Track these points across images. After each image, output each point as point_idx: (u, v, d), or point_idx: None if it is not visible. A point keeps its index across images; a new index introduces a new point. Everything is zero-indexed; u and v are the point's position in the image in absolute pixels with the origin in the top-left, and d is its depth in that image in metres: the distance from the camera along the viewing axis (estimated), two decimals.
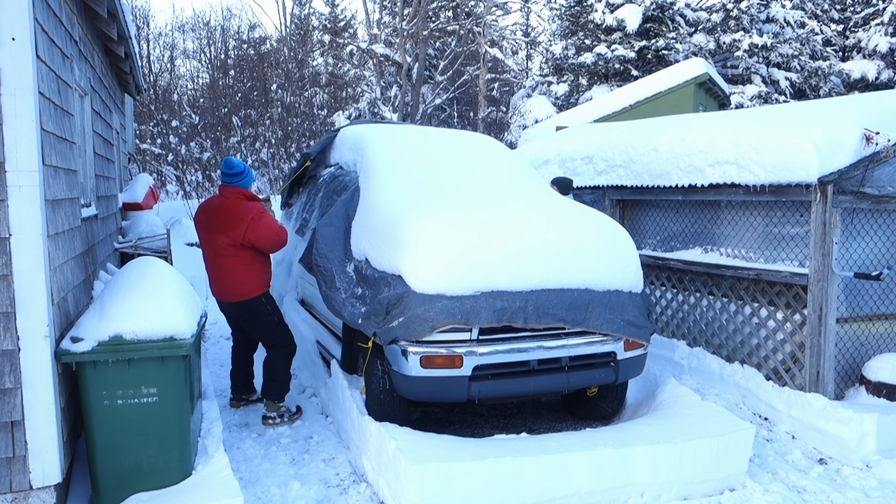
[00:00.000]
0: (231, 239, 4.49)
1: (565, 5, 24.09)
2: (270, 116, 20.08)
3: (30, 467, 3.03)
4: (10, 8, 2.87)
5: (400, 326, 3.87)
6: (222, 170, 4.66)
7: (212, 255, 4.62)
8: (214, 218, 4.57)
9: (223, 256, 4.55)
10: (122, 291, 3.39)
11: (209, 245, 4.62)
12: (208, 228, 4.61)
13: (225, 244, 4.51)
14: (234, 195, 4.59)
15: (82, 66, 4.77)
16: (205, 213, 4.69)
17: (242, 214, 4.49)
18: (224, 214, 4.54)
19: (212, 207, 4.65)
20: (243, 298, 4.61)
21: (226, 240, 4.50)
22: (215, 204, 4.65)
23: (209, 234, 4.59)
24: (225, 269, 4.57)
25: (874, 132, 4.62)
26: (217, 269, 4.61)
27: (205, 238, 4.66)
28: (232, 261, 4.54)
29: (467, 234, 4.08)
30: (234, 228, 4.47)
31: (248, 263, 4.59)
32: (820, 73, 24.43)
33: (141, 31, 23.20)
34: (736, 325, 5.58)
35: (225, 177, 4.65)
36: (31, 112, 2.94)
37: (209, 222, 4.61)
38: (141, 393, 3.27)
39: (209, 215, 4.64)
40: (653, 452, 3.70)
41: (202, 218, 4.69)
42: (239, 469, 4.00)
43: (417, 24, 20.27)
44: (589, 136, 7.42)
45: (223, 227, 4.50)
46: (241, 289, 4.60)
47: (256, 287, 4.65)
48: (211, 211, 4.64)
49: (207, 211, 4.68)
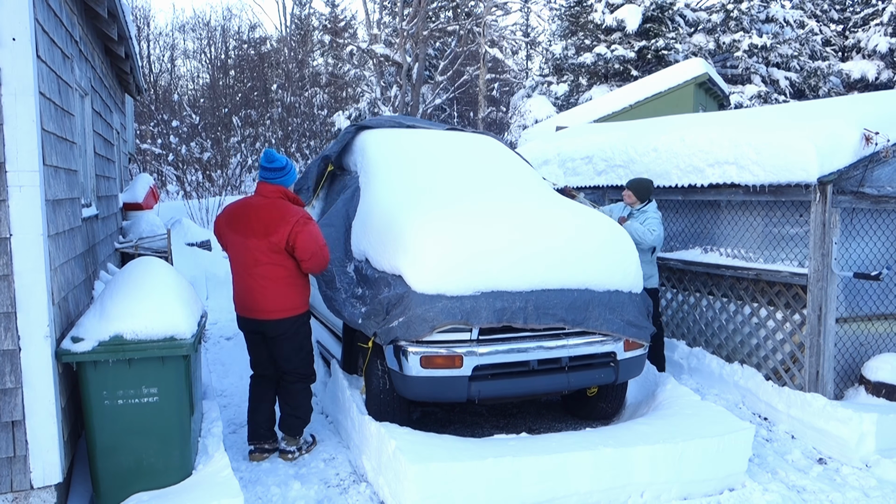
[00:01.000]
0: (274, 243, 3.87)
1: (565, 5, 24.09)
2: (270, 116, 20.08)
3: (30, 467, 3.03)
4: (10, 8, 2.87)
5: (400, 326, 3.88)
6: (262, 164, 4.04)
7: (249, 263, 3.95)
8: (254, 219, 3.94)
9: (264, 264, 3.91)
10: (123, 291, 3.39)
11: (244, 252, 3.96)
12: (244, 232, 3.95)
13: (266, 250, 3.89)
14: (275, 194, 4.00)
15: (83, 66, 4.77)
16: (238, 215, 4.02)
17: (287, 216, 3.90)
18: (266, 215, 3.92)
19: (249, 207, 4.02)
20: (284, 315, 3.98)
21: (268, 245, 3.88)
22: (253, 204, 4.02)
23: (245, 238, 3.94)
24: (266, 280, 3.93)
25: (874, 132, 4.62)
26: (254, 279, 3.94)
27: (238, 244, 3.99)
28: (275, 270, 3.92)
29: (467, 234, 4.08)
30: (278, 230, 3.86)
31: (293, 274, 3.98)
32: (819, 73, 24.43)
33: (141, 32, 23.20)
34: (735, 325, 5.58)
35: (266, 172, 4.03)
36: (32, 112, 2.95)
37: (245, 225, 3.96)
38: (141, 393, 3.27)
39: (245, 217, 3.98)
40: (653, 452, 3.70)
41: (234, 220, 4.02)
42: (239, 469, 4.01)
43: (417, 24, 20.27)
44: (589, 136, 7.43)
45: (267, 230, 3.87)
46: (284, 303, 3.97)
47: (301, 303, 4.06)
48: (248, 212, 3.99)
49: (242, 212, 4.02)
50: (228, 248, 4.08)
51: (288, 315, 4.01)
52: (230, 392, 5.38)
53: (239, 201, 4.16)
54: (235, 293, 4.10)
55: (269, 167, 4.03)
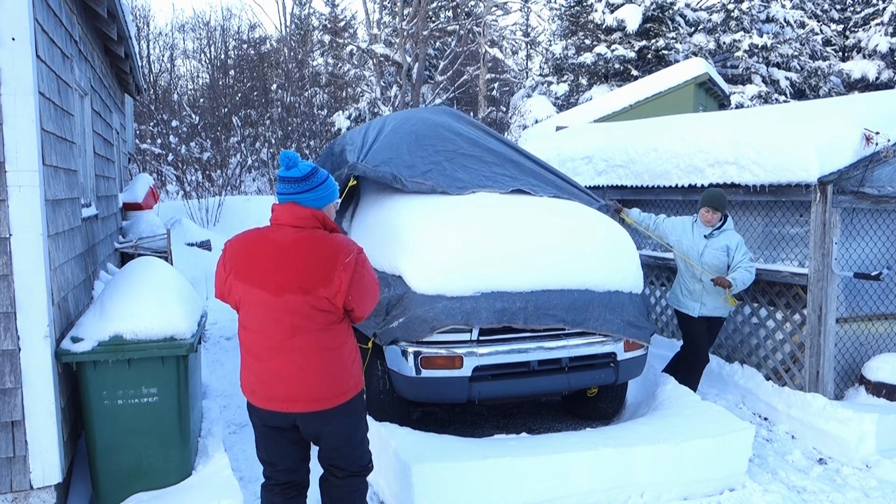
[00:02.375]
0: (320, 300, 2.57)
1: (565, 5, 24.09)
2: (270, 116, 20.08)
3: (30, 467, 3.03)
4: (10, 8, 2.87)
5: (400, 327, 3.87)
6: (284, 174, 2.65)
7: (279, 332, 2.60)
8: (283, 265, 2.58)
9: (301, 332, 2.59)
10: (123, 291, 3.39)
11: (270, 316, 2.60)
12: (268, 285, 2.58)
13: (308, 311, 2.58)
14: (310, 221, 2.63)
15: (82, 66, 4.76)
16: (255, 258, 2.63)
17: (336, 255, 2.58)
18: (304, 258, 2.58)
19: (273, 246, 2.61)
20: (335, 403, 2.67)
21: (310, 303, 2.57)
22: (278, 240, 2.61)
23: (272, 294, 2.58)
24: (307, 356, 2.61)
25: (874, 132, 4.62)
26: (287, 356, 2.60)
27: (258, 304, 2.61)
28: (321, 338, 2.62)
29: (467, 234, 4.08)
30: (328, 281, 2.56)
31: (345, 338, 2.72)
32: (820, 73, 24.42)
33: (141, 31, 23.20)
34: (735, 325, 5.58)
35: (289, 185, 2.63)
36: (31, 112, 2.95)
37: (270, 274, 2.59)
38: (141, 393, 3.27)
39: (268, 261, 2.60)
40: (653, 452, 3.70)
41: (249, 266, 2.63)
42: (239, 468, 4.00)
43: (417, 24, 20.27)
44: (589, 136, 7.43)
45: (308, 281, 2.55)
46: (335, 385, 2.66)
47: (357, 378, 2.78)
48: (272, 253, 2.60)
49: (262, 253, 2.62)
50: (241, 309, 2.68)
51: (341, 401, 2.68)
52: (230, 392, 5.38)
53: (252, 234, 2.68)
54: (248, 374, 2.70)
55: (294, 178, 2.62)
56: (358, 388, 2.78)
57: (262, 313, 2.61)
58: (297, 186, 2.64)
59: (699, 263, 4.93)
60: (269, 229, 2.67)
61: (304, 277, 2.56)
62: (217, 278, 2.76)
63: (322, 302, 2.58)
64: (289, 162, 2.64)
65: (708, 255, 4.92)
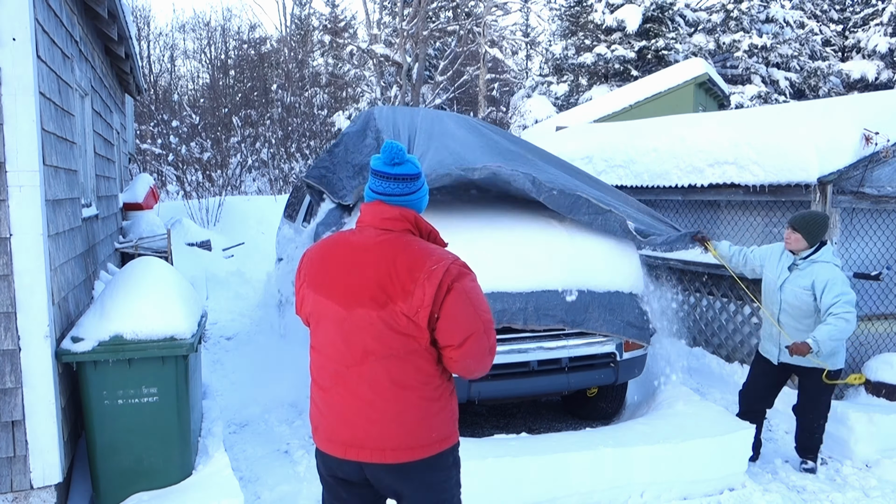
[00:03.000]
0: (392, 317, 2.04)
1: (565, 5, 24.10)
2: (270, 116, 20.08)
3: (30, 467, 3.03)
4: (10, 8, 2.87)
5: None
6: (380, 167, 2.14)
7: (348, 354, 2.10)
8: (360, 271, 2.09)
9: (372, 357, 2.07)
10: (123, 291, 3.39)
11: (336, 330, 2.12)
12: (339, 294, 2.11)
13: (382, 329, 2.05)
14: (400, 223, 2.14)
15: (83, 66, 4.77)
16: (330, 263, 2.17)
17: (421, 262, 2.05)
18: (382, 261, 2.07)
19: (352, 249, 2.14)
20: (410, 457, 2.11)
21: (385, 319, 2.04)
22: (360, 243, 2.14)
23: (343, 306, 2.10)
24: (375, 388, 2.08)
25: (874, 132, 4.62)
26: (349, 384, 2.10)
27: (328, 316, 2.14)
28: (391, 368, 2.07)
29: (467, 235, 4.08)
30: (409, 292, 2.03)
31: (427, 380, 2.11)
32: (819, 74, 24.43)
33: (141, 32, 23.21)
34: (735, 325, 5.58)
35: (385, 182, 2.14)
36: (32, 112, 2.95)
37: (343, 281, 2.12)
38: (141, 393, 3.27)
39: (344, 267, 2.13)
40: (653, 452, 3.70)
41: (319, 272, 2.18)
42: (239, 468, 4.01)
43: (417, 25, 20.27)
44: (589, 136, 7.43)
45: (379, 290, 2.05)
46: (408, 435, 2.10)
47: (441, 434, 2.16)
48: (350, 257, 2.13)
49: (339, 258, 2.16)
50: (311, 325, 2.22)
51: (419, 456, 2.11)
52: (230, 392, 5.38)
53: (331, 238, 2.24)
54: (313, 407, 2.22)
55: (394, 174, 2.13)
56: (447, 442, 2.16)
57: (331, 330, 2.12)
58: (405, 186, 2.14)
59: (777, 301, 3.98)
60: (351, 232, 2.20)
61: (381, 287, 2.03)
62: (297, 283, 2.28)
63: (400, 320, 2.01)
64: (396, 156, 2.11)
65: (788, 291, 3.91)
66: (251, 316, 7.83)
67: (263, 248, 10.79)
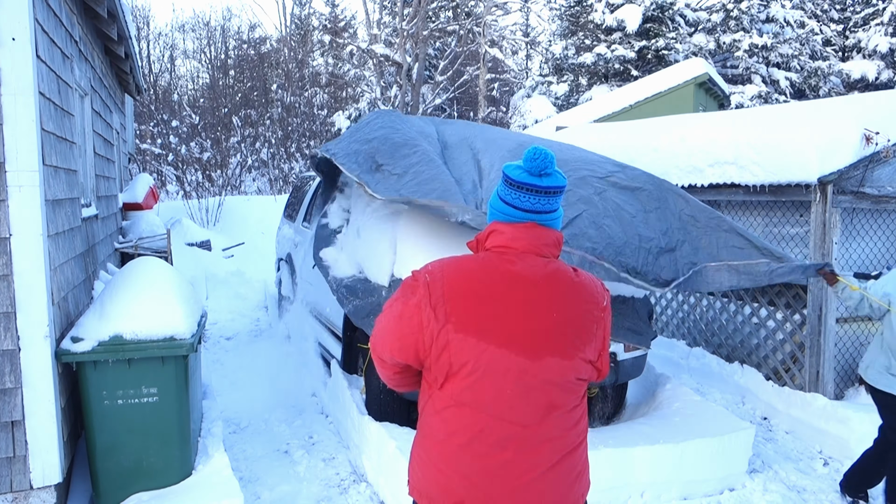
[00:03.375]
0: (578, 367, 1.77)
1: (565, 5, 24.10)
2: (270, 116, 20.09)
3: (30, 467, 3.03)
4: (10, 8, 2.87)
5: None
6: (530, 180, 1.75)
7: (524, 410, 1.73)
8: (536, 312, 1.74)
9: (561, 412, 1.76)
10: (123, 291, 3.39)
11: (517, 384, 1.72)
12: (513, 340, 1.72)
13: (565, 382, 1.75)
14: (557, 248, 1.83)
15: (82, 66, 4.77)
16: (490, 299, 1.74)
17: (594, 298, 1.81)
18: (562, 300, 1.77)
19: (516, 282, 1.74)
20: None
21: (570, 370, 1.75)
22: (523, 274, 1.75)
23: (523, 355, 1.71)
24: (556, 448, 1.76)
25: (874, 132, 4.62)
26: (531, 447, 1.73)
27: (502, 366, 1.71)
28: (569, 423, 1.79)
29: (466, 236, 4.07)
30: (590, 337, 1.79)
31: (585, 427, 1.87)
32: (820, 73, 24.44)
33: (141, 32, 23.21)
34: (735, 325, 5.58)
35: (539, 198, 1.76)
36: (32, 112, 2.95)
37: (517, 323, 1.73)
38: (141, 393, 3.27)
39: (513, 304, 1.73)
40: (653, 452, 3.70)
41: (479, 311, 1.73)
42: (239, 468, 4.01)
43: (417, 24, 20.27)
44: (589, 136, 7.43)
45: (566, 336, 1.75)
46: (582, 491, 1.85)
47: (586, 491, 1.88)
48: (519, 292, 1.74)
49: (501, 292, 1.74)
50: (460, 376, 1.73)
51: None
52: (230, 392, 5.38)
53: (477, 264, 1.79)
54: (468, 480, 1.74)
55: (545, 187, 1.75)
56: (586, 495, 1.87)
57: (505, 385, 1.70)
58: (554, 202, 1.77)
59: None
60: (505, 259, 1.75)
61: (571, 330, 1.73)
62: (403, 322, 1.77)
63: (585, 368, 1.76)
64: (544, 165, 1.73)
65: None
66: (251, 316, 7.84)
67: (263, 248, 10.80)
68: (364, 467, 3.93)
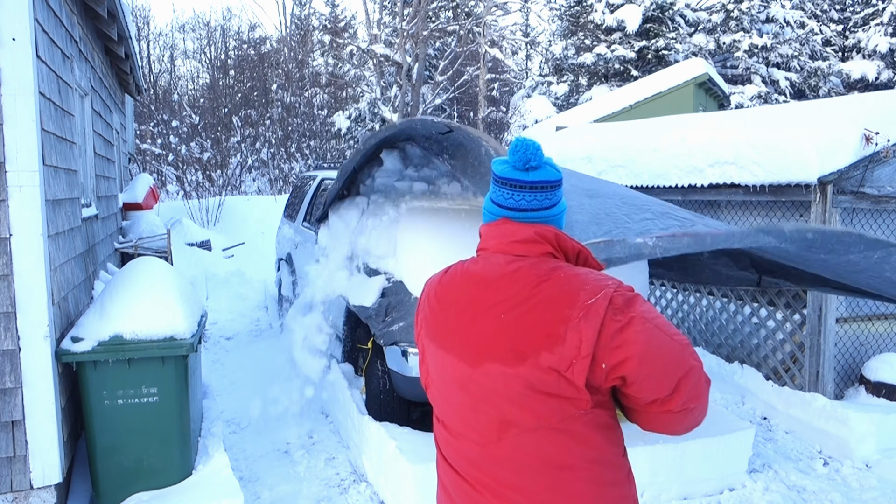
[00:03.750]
0: (537, 375, 1.43)
1: (565, 5, 24.10)
2: (270, 116, 20.09)
3: (30, 467, 3.03)
4: (10, 8, 2.87)
5: (400, 331, 3.88)
6: (514, 175, 1.54)
7: (473, 425, 1.53)
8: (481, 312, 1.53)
9: (514, 431, 1.47)
10: (123, 291, 3.39)
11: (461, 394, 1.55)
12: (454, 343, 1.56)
13: (518, 393, 1.46)
14: (538, 246, 1.54)
15: (82, 66, 4.77)
16: (445, 303, 1.62)
17: (570, 296, 1.44)
18: (514, 299, 1.49)
19: (468, 283, 1.59)
20: None
21: (520, 379, 1.45)
22: (478, 274, 1.58)
23: (463, 360, 1.54)
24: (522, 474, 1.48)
25: (874, 132, 4.62)
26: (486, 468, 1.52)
27: (448, 373, 1.58)
28: (545, 446, 1.46)
29: (467, 239, 4.07)
30: (554, 339, 1.42)
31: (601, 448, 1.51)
32: (820, 74, 24.44)
33: (141, 32, 23.21)
34: (735, 325, 5.58)
35: (524, 194, 1.54)
36: (32, 112, 2.95)
37: (459, 326, 1.57)
38: (141, 393, 3.27)
39: (459, 306, 1.58)
40: (653, 452, 3.70)
41: (438, 316, 1.63)
42: (239, 468, 4.01)
43: (417, 25, 20.26)
44: (589, 136, 7.43)
45: (514, 339, 1.46)
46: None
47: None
48: (467, 293, 1.58)
49: (454, 294, 1.61)
50: (432, 386, 1.69)
51: None
52: (230, 392, 5.38)
53: (454, 268, 1.68)
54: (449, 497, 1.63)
55: (530, 182, 1.55)
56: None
57: (454, 395, 1.56)
58: (542, 198, 1.55)
59: None
60: (473, 261, 1.63)
61: (519, 333, 1.46)
62: (417, 332, 1.74)
63: (548, 377, 1.42)
64: (532, 157, 1.52)
65: None
66: (251, 316, 7.84)
67: (263, 248, 10.80)
68: (364, 467, 3.93)
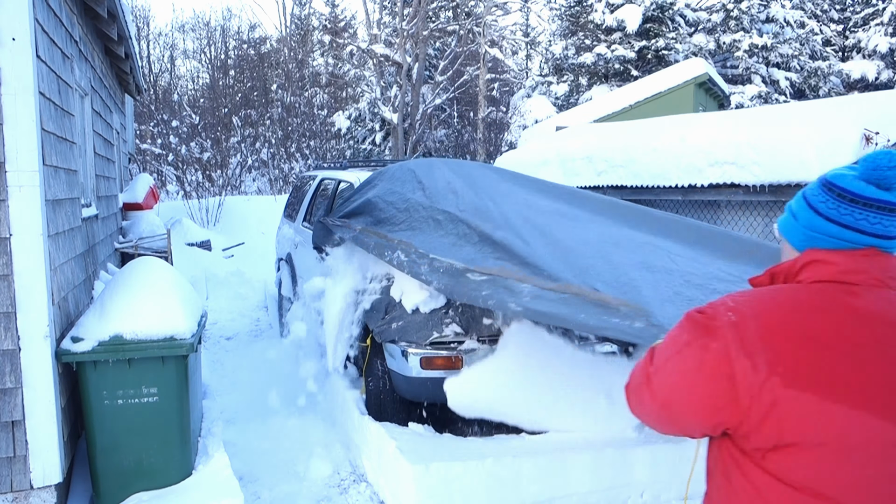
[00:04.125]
0: None
1: (565, 5, 24.10)
2: (270, 116, 20.10)
3: (30, 467, 3.03)
4: (10, 8, 2.87)
5: (398, 330, 3.88)
6: (878, 195, 1.28)
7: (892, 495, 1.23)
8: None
9: None
10: (123, 291, 3.39)
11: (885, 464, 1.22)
12: (873, 400, 1.20)
13: None
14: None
15: (82, 66, 4.77)
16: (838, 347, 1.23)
17: None
18: None
19: (872, 326, 1.24)
20: None
21: None
22: (881, 315, 1.25)
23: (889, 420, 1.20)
24: None
25: (874, 132, 4.62)
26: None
27: (861, 437, 1.21)
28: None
29: None
30: None
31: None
32: (820, 73, 24.44)
33: (141, 32, 23.22)
34: None
35: (885, 218, 1.28)
36: (32, 112, 2.95)
37: (878, 378, 1.21)
38: (141, 393, 3.27)
39: (876, 354, 1.22)
40: (653, 452, 3.70)
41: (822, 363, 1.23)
42: (239, 468, 4.00)
43: (417, 25, 20.26)
44: (589, 136, 7.43)
45: None
46: None
47: None
48: (875, 338, 1.23)
49: (854, 338, 1.23)
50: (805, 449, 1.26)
51: None
52: (230, 392, 5.38)
53: (808, 302, 1.30)
54: None
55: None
56: None
57: (874, 463, 1.23)
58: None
59: None
60: (843, 290, 1.30)
61: None
62: (703, 375, 1.34)
63: None
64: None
65: None
66: (251, 316, 7.84)
67: (263, 248, 10.80)
68: (364, 467, 3.93)
